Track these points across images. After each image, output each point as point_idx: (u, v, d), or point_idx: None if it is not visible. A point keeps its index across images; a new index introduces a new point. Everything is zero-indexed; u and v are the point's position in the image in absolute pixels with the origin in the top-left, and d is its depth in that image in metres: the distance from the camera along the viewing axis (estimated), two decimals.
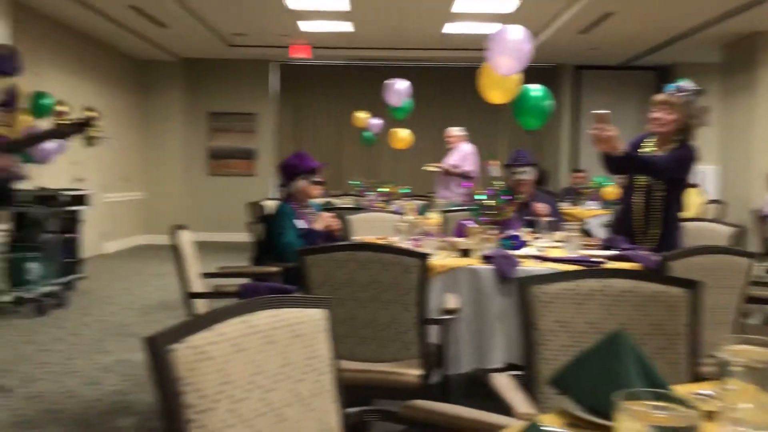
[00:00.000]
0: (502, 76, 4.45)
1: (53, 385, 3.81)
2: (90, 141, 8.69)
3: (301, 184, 3.96)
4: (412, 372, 2.46)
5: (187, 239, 3.11)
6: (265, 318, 1.37)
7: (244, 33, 9.44)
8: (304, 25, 8.88)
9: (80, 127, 4.07)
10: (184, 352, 1.20)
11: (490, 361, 2.84)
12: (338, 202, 6.93)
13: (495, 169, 4.70)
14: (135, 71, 10.77)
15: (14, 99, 5.79)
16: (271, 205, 5.20)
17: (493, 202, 3.41)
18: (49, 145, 4.17)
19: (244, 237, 10.45)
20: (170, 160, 11.13)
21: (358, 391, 2.34)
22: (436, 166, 7.33)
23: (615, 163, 3.21)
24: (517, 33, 4.54)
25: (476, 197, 3.47)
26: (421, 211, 5.44)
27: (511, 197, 3.57)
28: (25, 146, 3.87)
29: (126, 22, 8.40)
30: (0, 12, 5.80)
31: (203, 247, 3.58)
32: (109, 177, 9.77)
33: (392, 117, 8.68)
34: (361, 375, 2.43)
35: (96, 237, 9.15)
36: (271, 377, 1.35)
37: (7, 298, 5.73)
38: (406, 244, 3.14)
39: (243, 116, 11.39)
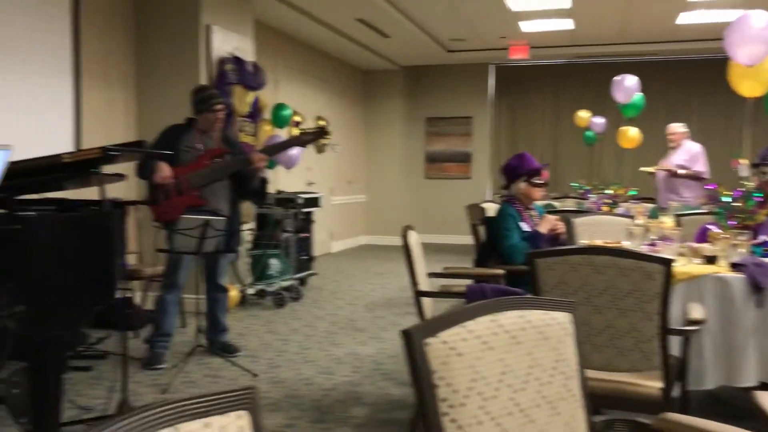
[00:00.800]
0: (756, 67, 4.06)
1: (292, 372, 4.13)
2: (321, 148, 9.35)
3: (523, 185, 3.91)
4: (652, 384, 2.32)
5: (415, 239, 3.21)
6: (512, 318, 1.37)
7: (462, 38, 9.57)
8: (525, 26, 8.79)
9: (319, 135, 4.39)
10: (437, 346, 1.23)
11: (740, 378, 2.59)
12: (558, 204, 6.75)
13: (743, 168, 4.27)
14: (359, 81, 11.40)
15: (258, 111, 6.40)
16: (491, 207, 5.19)
17: (742, 205, 3.10)
18: (294, 151, 4.54)
19: (458, 238, 10.67)
20: (390, 165, 11.61)
21: (592, 400, 2.25)
22: (659, 168, 6.78)
23: None
24: (761, 19, 4.13)
25: (723, 199, 3.17)
26: (652, 214, 5.12)
27: (762, 199, 3.22)
28: (275, 153, 4.26)
29: (353, 34, 8.91)
30: (247, 31, 6.44)
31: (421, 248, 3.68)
32: (336, 181, 10.42)
33: (619, 115, 8.26)
34: (596, 383, 2.33)
35: (325, 237, 9.82)
36: (519, 377, 1.34)
37: (251, 290, 6.35)
38: (642, 249, 2.97)
39: (459, 120, 11.54)
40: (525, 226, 3.82)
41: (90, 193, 3.59)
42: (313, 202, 7.03)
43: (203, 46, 5.78)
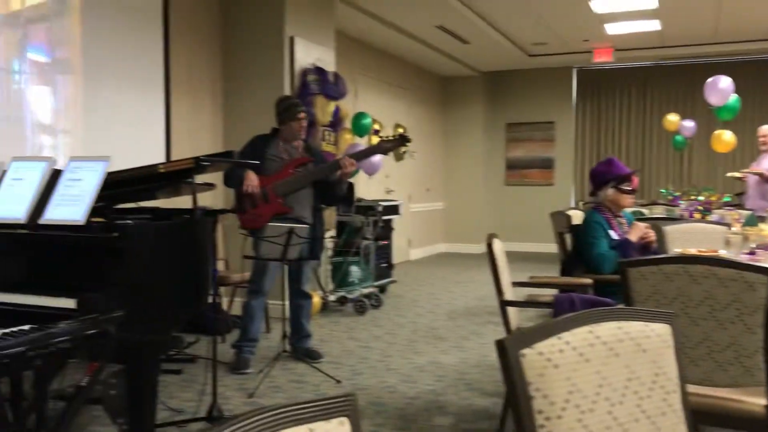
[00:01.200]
0: None
1: (375, 380, 4.15)
2: (400, 155, 9.38)
3: (611, 192, 3.79)
4: (756, 401, 2.19)
5: (499, 247, 3.17)
6: (609, 329, 1.32)
7: (544, 42, 9.42)
8: (610, 28, 8.57)
9: (400, 142, 4.40)
10: (533, 357, 1.21)
11: None
12: (647, 211, 6.52)
13: None
14: (438, 88, 11.39)
15: (339, 120, 6.48)
16: (577, 214, 5.07)
17: None
18: (376, 158, 4.58)
19: (540, 247, 10.48)
20: (469, 171, 11.52)
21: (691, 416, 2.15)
22: (749, 171, 6.44)
23: None
24: None
25: None
26: (749, 221, 4.86)
27: None
28: (358, 160, 4.31)
29: (432, 41, 8.92)
30: (329, 42, 6.55)
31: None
32: (414, 188, 10.44)
33: (711, 117, 7.92)
34: (694, 398, 2.22)
35: (403, 244, 9.84)
36: (616, 390, 1.30)
37: (332, 297, 6.42)
38: (741, 259, 2.82)
39: (541, 125, 11.35)
40: (614, 234, 3.71)
41: (179, 202, 3.72)
42: (393, 209, 7.06)
43: (287, 57, 5.91)
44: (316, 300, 5.87)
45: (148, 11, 5.22)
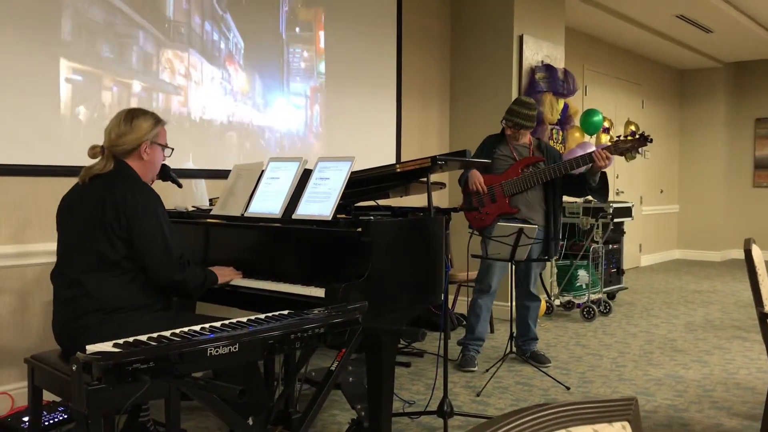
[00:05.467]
0: None
1: (607, 389, 3.94)
2: (631, 155, 8.85)
3: None
4: None
5: (758, 254, 2.84)
6: None
7: None
8: None
9: (639, 142, 4.13)
10: None
11: None
12: None
13: None
14: (674, 81, 10.58)
15: (569, 118, 6.27)
16: None
17: None
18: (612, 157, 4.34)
19: None
20: (709, 172, 10.54)
21: None
22: None
23: None
24: None
25: None
26: None
27: None
28: (578, 165, 4.13)
29: (669, 32, 8.31)
30: (558, 39, 6.37)
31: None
32: (646, 190, 9.80)
33: None
34: None
35: (634, 249, 9.29)
36: None
37: (558, 301, 6.23)
38: None
39: None
40: None
41: (405, 201, 3.84)
42: (625, 212, 6.66)
43: (515, 56, 5.85)
44: (542, 303, 5.73)
45: (383, 19, 5.46)
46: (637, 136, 4.15)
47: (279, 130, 4.69)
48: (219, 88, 4.32)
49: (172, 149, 2.72)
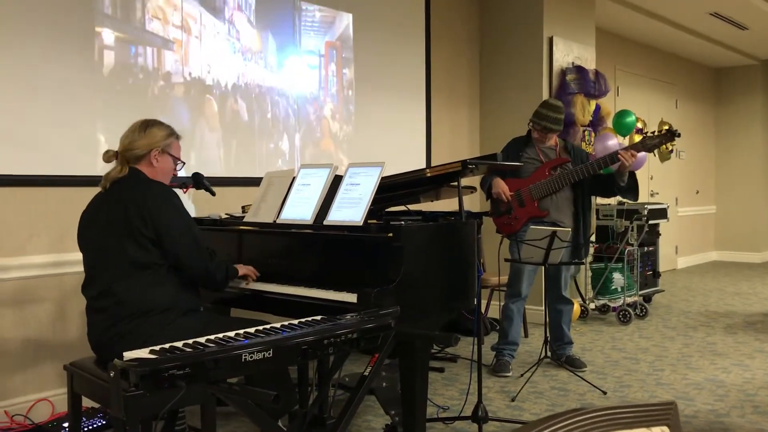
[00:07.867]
0: None
1: (644, 394, 3.87)
2: (665, 155, 8.72)
3: None
4: None
5: None
6: None
7: None
8: None
9: (667, 138, 4.07)
10: None
11: None
12: None
13: None
14: (709, 80, 10.40)
15: (601, 120, 6.20)
16: None
17: None
18: (640, 155, 4.30)
19: None
20: (746, 172, 10.32)
21: None
22: None
23: None
24: None
25: None
26: None
27: None
28: (613, 161, 4.08)
29: (703, 30, 8.17)
30: (589, 40, 6.30)
31: None
32: (681, 191, 9.64)
33: None
34: None
35: (670, 251, 9.13)
36: None
37: (592, 305, 6.15)
38: None
39: None
40: None
41: (435, 206, 3.83)
42: (660, 213, 6.56)
43: (545, 58, 5.81)
44: (576, 307, 5.67)
45: (411, 21, 5.47)
46: (664, 132, 4.09)
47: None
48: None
49: (184, 163, 2.76)
